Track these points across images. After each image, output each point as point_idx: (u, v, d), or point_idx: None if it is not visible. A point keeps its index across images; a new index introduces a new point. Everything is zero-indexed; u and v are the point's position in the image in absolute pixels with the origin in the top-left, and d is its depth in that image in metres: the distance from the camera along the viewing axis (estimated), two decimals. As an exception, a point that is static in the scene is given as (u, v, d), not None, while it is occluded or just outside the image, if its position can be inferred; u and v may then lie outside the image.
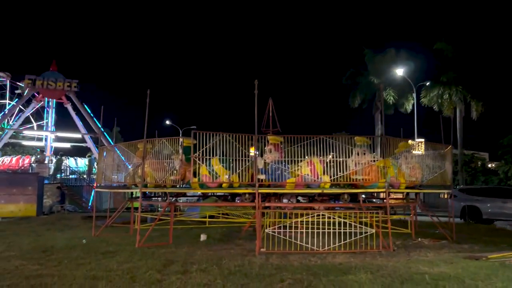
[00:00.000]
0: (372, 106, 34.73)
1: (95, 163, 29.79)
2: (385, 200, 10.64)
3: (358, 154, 10.27)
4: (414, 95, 30.97)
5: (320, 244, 9.12)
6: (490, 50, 26.66)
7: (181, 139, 10.40)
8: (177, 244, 10.31)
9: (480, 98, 27.05)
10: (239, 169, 9.27)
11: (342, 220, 9.33)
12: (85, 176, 29.22)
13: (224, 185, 9.92)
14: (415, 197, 12.04)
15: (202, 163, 9.23)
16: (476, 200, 17.64)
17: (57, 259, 8.15)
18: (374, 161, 10.10)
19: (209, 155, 9.27)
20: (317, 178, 9.82)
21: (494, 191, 18.96)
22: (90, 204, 25.28)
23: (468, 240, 10.97)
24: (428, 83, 31.25)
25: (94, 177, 28.78)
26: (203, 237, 11.35)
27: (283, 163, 9.88)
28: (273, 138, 10.06)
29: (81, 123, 33.64)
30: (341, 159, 10.09)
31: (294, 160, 10.07)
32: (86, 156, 31.18)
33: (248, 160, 9.39)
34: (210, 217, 16.02)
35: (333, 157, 10.03)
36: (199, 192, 12.04)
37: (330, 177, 9.89)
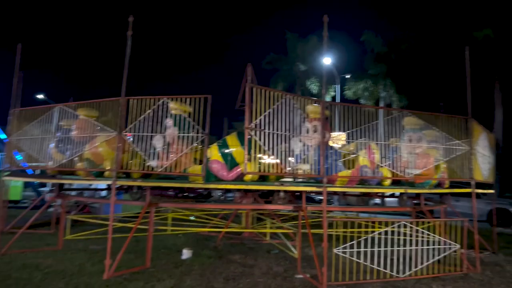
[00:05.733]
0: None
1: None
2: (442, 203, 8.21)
3: (410, 141, 7.72)
4: (338, 86, 29.95)
5: (394, 267, 6.29)
6: (419, 46, 26.59)
7: (170, 104, 6.52)
8: (159, 268, 6.52)
9: (405, 93, 26.94)
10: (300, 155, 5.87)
11: (426, 234, 6.60)
12: None
13: (246, 177, 6.41)
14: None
15: (260, 140, 5.53)
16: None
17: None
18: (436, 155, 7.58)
19: (265, 127, 5.58)
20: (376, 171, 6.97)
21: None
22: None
23: (504, 250, 9.23)
24: (348, 76, 30.57)
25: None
26: (186, 253, 7.64)
27: (331, 149, 6.76)
28: (318, 110, 6.80)
29: None
30: (395, 144, 7.42)
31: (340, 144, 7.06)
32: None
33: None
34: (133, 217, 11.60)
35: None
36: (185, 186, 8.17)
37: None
